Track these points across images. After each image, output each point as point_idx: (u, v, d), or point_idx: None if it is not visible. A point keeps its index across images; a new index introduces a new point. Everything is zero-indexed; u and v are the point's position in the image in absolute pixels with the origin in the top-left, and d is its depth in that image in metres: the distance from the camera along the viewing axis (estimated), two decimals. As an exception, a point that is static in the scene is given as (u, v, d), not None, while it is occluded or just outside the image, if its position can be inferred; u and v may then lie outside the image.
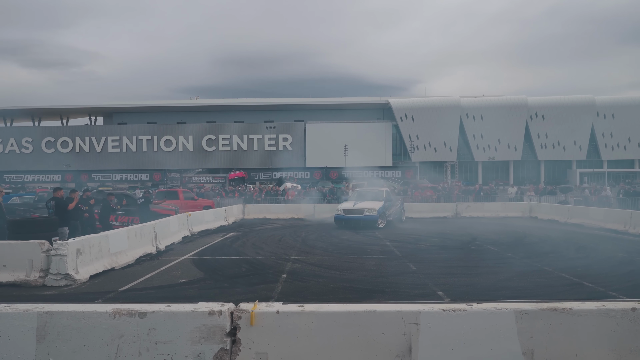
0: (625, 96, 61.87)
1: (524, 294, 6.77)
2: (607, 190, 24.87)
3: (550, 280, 7.90)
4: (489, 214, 21.85)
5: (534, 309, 3.43)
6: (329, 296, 6.84)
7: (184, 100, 70.86)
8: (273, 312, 3.46)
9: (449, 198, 26.88)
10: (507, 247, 11.80)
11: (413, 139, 59.06)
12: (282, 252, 11.21)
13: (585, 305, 3.47)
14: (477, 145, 60.53)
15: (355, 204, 17.19)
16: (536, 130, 60.14)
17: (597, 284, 7.51)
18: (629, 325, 3.38)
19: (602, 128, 59.73)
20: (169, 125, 59.63)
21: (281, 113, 62.51)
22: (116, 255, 9.17)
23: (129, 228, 10.25)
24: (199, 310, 3.38)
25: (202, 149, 57.77)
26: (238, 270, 8.98)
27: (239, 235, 14.86)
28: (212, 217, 17.44)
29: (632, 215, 15.08)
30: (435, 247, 12.08)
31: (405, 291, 7.19)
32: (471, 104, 60.19)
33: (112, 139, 58.54)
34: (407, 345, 3.42)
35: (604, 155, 60.27)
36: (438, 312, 3.46)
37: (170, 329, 3.34)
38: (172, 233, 12.77)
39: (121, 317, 3.35)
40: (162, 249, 11.32)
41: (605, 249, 11.46)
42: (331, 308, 3.56)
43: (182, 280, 8.09)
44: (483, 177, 59.16)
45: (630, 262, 9.59)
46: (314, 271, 8.84)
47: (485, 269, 9.01)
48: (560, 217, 18.98)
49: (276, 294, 7.00)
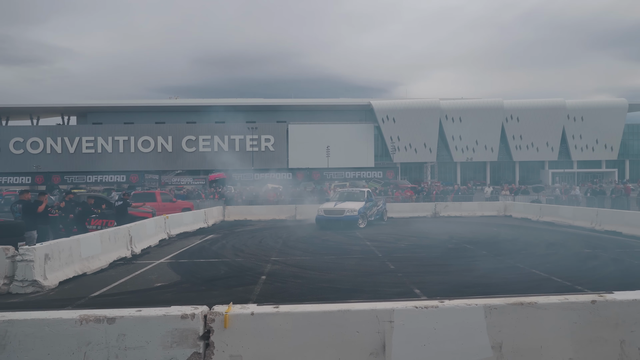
0: (594, 100, 64.17)
1: (496, 290, 6.93)
2: (576, 189, 25.65)
3: (522, 276, 8.13)
4: (466, 213, 22.24)
5: (502, 304, 3.51)
6: (307, 297, 6.86)
7: (162, 100, 69.76)
8: (247, 314, 3.45)
9: (428, 198, 27.22)
10: (482, 245, 12.04)
11: (394, 140, 59.63)
12: (262, 253, 11.18)
13: (550, 299, 3.58)
14: (455, 146, 61.51)
15: (336, 205, 17.26)
16: (511, 132, 61.51)
17: (565, 279, 7.79)
18: (589, 316, 3.51)
19: (572, 130, 61.57)
20: (147, 125, 58.67)
21: (263, 114, 62.27)
22: (88, 260, 8.95)
23: (102, 231, 10.04)
24: (171, 314, 3.33)
25: (182, 149, 57.06)
26: (216, 273, 8.92)
27: (218, 237, 14.74)
28: (191, 219, 17.24)
29: (598, 213, 15.64)
30: (413, 246, 12.24)
31: (384, 290, 7.27)
32: (450, 106, 61.13)
33: (86, 140, 57.22)
34: (381, 342, 3.46)
35: (574, 156, 62.11)
36: (411, 309, 3.51)
37: (140, 334, 3.27)
38: (149, 236, 12.57)
39: (88, 323, 3.26)
40: (137, 253, 11.14)
41: (573, 245, 11.87)
42: (306, 308, 3.57)
43: (158, 284, 7.98)
44: (461, 178, 60.11)
45: (595, 258, 9.99)
46: (293, 272, 8.84)
47: (461, 267, 9.18)
48: (532, 216, 19.48)
49: (255, 295, 6.98)
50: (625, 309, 3.55)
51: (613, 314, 3.53)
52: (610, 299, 3.58)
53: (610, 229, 14.40)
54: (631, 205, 21.03)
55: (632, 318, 3.54)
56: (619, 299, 3.60)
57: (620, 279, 7.91)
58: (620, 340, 3.50)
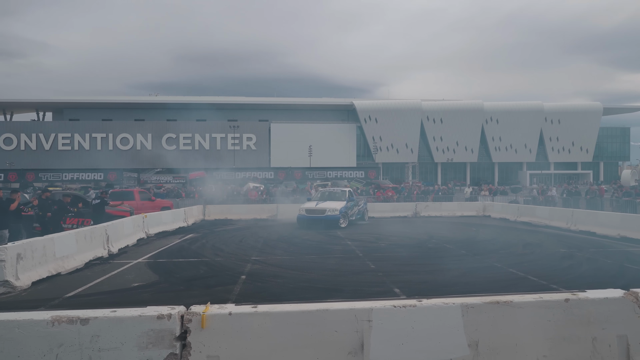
0: (570, 103, 65.82)
1: (474, 289, 7.02)
2: (552, 190, 26.24)
3: (499, 276, 8.27)
4: (446, 213, 22.51)
5: (479, 303, 3.56)
6: (287, 296, 6.83)
7: (142, 97, 68.56)
8: (225, 314, 3.42)
9: (409, 198, 27.44)
10: (461, 245, 12.20)
11: (376, 140, 60.02)
12: (243, 253, 11.10)
13: (525, 297, 3.65)
14: (436, 147, 62.26)
15: (318, 204, 17.26)
16: (491, 134, 62.58)
17: (541, 278, 7.95)
18: (563, 315, 3.59)
19: (549, 132, 63.03)
20: (126, 122, 57.65)
21: (245, 112, 61.86)
22: (63, 259, 8.75)
23: (77, 230, 9.82)
24: (147, 315, 3.28)
25: (162, 147, 56.14)
26: (196, 273, 8.81)
27: (198, 236, 14.58)
28: (171, 219, 17.01)
29: (573, 214, 16.03)
30: (394, 246, 12.32)
31: (364, 289, 7.30)
32: (431, 107, 61.83)
33: (62, 136, 55.94)
34: (359, 342, 3.47)
35: (551, 157, 63.59)
36: (389, 308, 3.53)
37: (115, 335, 3.22)
38: (126, 235, 12.35)
39: (61, 324, 3.19)
40: (114, 252, 10.94)
41: (550, 245, 12.13)
42: (285, 308, 3.56)
43: (135, 285, 7.85)
44: (442, 178, 60.88)
45: (571, 257, 10.22)
46: (274, 272, 8.80)
47: (440, 266, 9.28)
48: (510, 216, 19.85)
49: (234, 295, 6.92)
50: (597, 307, 3.64)
51: (586, 312, 3.61)
52: (583, 298, 3.67)
53: (584, 229, 14.75)
54: (605, 206, 21.59)
55: (604, 316, 3.63)
56: (591, 297, 3.69)
57: (594, 277, 8.13)
58: (592, 337, 3.59)
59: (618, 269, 8.92)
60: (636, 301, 3.68)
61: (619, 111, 68.50)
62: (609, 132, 65.93)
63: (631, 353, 3.60)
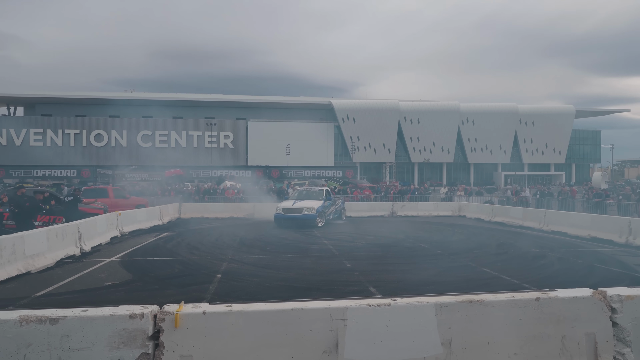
0: (544, 106, 67.54)
1: (449, 288, 7.13)
2: (526, 191, 26.87)
3: (473, 275, 8.42)
4: (422, 212, 22.80)
5: (452, 302, 3.62)
6: (263, 296, 6.79)
7: (117, 92, 67.16)
8: (199, 313, 3.38)
9: (386, 198, 27.70)
10: (436, 245, 12.37)
11: (354, 140, 60.25)
12: (219, 252, 11.00)
13: (497, 296, 3.73)
14: (413, 147, 62.90)
15: (295, 203, 17.24)
16: (467, 135, 63.61)
17: (513, 277, 8.13)
18: (534, 313, 3.68)
19: (523, 134, 64.46)
20: (101, 118, 56.32)
21: (222, 110, 61.21)
22: (33, 257, 8.51)
23: (49, 228, 9.57)
24: (119, 314, 3.22)
25: (137, 144, 55.10)
26: (170, 272, 8.69)
27: (173, 235, 14.38)
28: (145, 217, 16.73)
29: (545, 214, 16.44)
30: (370, 245, 12.41)
31: (340, 288, 7.32)
32: (409, 107, 62.43)
33: (34, 132, 54.26)
34: (334, 340, 3.48)
35: (525, 159, 65.06)
36: (364, 307, 3.55)
37: (86, 335, 3.15)
38: (100, 233, 12.10)
39: (29, 324, 3.11)
40: (87, 251, 10.70)
41: (523, 245, 12.41)
42: (260, 307, 3.55)
43: (108, 283, 7.69)
44: (419, 178, 61.58)
45: (543, 257, 10.46)
46: (250, 271, 8.76)
47: (416, 265, 9.39)
48: (485, 216, 20.22)
49: (209, 294, 6.85)
50: (566, 306, 3.74)
51: (555, 311, 3.71)
52: (553, 297, 3.77)
53: (556, 229, 15.14)
54: (576, 207, 22.20)
55: (573, 314, 3.73)
56: (561, 296, 3.79)
57: (565, 277, 8.35)
58: (561, 335, 3.69)
59: (588, 268, 9.17)
60: (604, 300, 3.79)
61: (590, 114, 70.60)
62: (581, 135, 67.82)
63: (599, 350, 3.71)
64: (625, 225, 12.65)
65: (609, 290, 3.87)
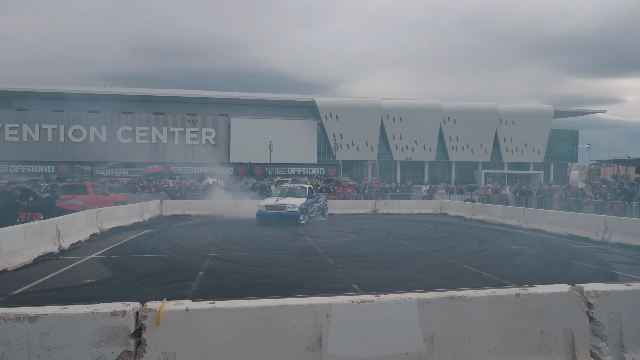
0: (523, 106, 68.80)
1: (430, 285, 7.23)
2: (506, 189, 27.34)
3: (455, 272, 8.53)
4: (404, 210, 23.01)
5: (435, 298, 3.67)
6: (246, 293, 6.77)
7: (96, 87, 65.73)
8: (182, 310, 3.36)
9: (369, 196, 27.83)
10: (418, 242, 12.51)
11: (337, 137, 60.36)
12: (201, 249, 10.91)
13: (478, 292, 3.79)
14: (396, 145, 63.38)
15: (278, 201, 17.21)
16: (449, 133, 64.38)
17: (494, 274, 8.27)
18: (513, 309, 3.76)
19: (504, 133, 65.57)
20: (79, 113, 55.10)
21: (205, 106, 60.63)
22: (9, 255, 8.31)
23: (25, 225, 9.34)
24: (100, 311, 3.18)
25: (117, 140, 54.15)
26: (152, 269, 8.58)
27: (154, 232, 14.20)
28: (126, 214, 16.48)
29: (525, 212, 16.75)
30: (353, 243, 12.47)
31: (323, 285, 7.35)
32: (391, 106, 62.83)
33: (9, 127, 52.90)
34: (317, 337, 3.50)
35: (505, 157, 66.20)
36: (347, 303, 3.58)
37: (66, 332, 3.10)
38: (79, 230, 11.88)
39: (7, 322, 3.04)
40: (66, 248, 10.49)
41: (503, 242, 12.63)
42: (243, 304, 3.54)
43: (88, 281, 7.55)
44: (401, 176, 62.10)
45: (522, 254, 10.66)
46: (232, 268, 8.71)
47: (398, 262, 9.48)
48: (466, 214, 20.51)
49: (191, 292, 6.79)
50: (545, 302, 3.82)
51: (534, 307, 3.79)
52: (532, 292, 3.85)
53: (535, 227, 15.45)
54: (554, 205, 22.68)
55: (551, 310, 3.82)
56: (539, 292, 3.87)
57: (543, 273, 8.51)
58: (540, 330, 3.78)
59: (566, 265, 9.38)
60: (581, 295, 3.89)
61: (568, 114, 72.19)
62: (559, 135, 69.28)
63: (576, 345, 3.81)
64: (601, 223, 12.96)
65: (586, 286, 3.97)
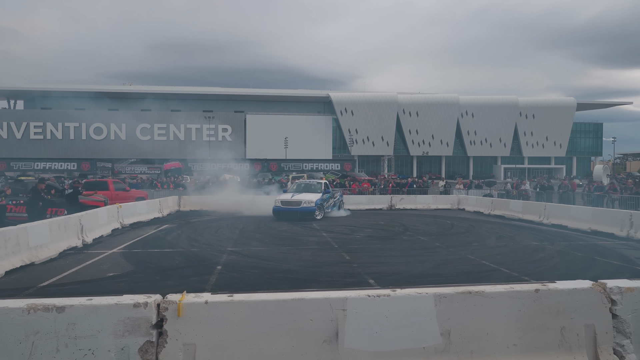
0: (544, 98, 67.29)
1: (448, 280, 7.18)
2: (526, 184, 26.82)
3: (472, 267, 8.46)
4: (421, 206, 22.84)
5: (452, 293, 3.66)
6: (263, 287, 6.85)
7: (116, 86, 66.95)
8: (201, 303, 3.43)
9: (384, 191, 27.71)
10: (435, 237, 12.43)
11: (352, 132, 60.19)
12: (218, 244, 11.05)
13: (496, 288, 3.76)
14: (412, 140, 62.89)
15: (293, 196, 17.28)
16: (466, 128, 63.53)
17: (513, 270, 8.17)
18: (533, 304, 3.71)
19: (524, 127, 64.37)
20: (100, 112, 56.18)
21: (220, 103, 61.16)
22: (36, 249, 8.57)
23: (51, 220, 9.61)
24: (123, 303, 3.28)
25: (136, 137, 55.07)
26: (171, 263, 8.74)
27: (173, 227, 14.43)
28: (146, 209, 16.77)
29: (545, 207, 16.44)
30: (369, 238, 12.46)
31: (339, 280, 7.38)
32: (407, 100, 62.31)
33: (34, 125, 54.31)
34: (334, 330, 3.53)
35: (525, 152, 65.02)
36: (364, 298, 3.60)
37: (91, 323, 3.21)
38: (101, 225, 12.15)
39: (36, 312, 3.16)
40: (89, 242, 10.75)
41: (522, 238, 12.43)
42: (260, 297, 3.59)
43: (110, 274, 7.74)
44: (417, 171, 61.65)
45: (543, 250, 10.47)
46: (249, 262, 8.81)
47: (414, 258, 9.45)
48: (484, 209, 20.25)
49: (210, 285, 6.90)
50: (566, 298, 3.76)
51: (555, 302, 3.74)
52: (552, 288, 3.79)
53: (556, 222, 15.14)
54: (576, 201, 22.21)
55: (572, 306, 3.76)
56: (560, 287, 3.81)
57: (565, 269, 8.36)
58: (560, 327, 3.72)
59: (588, 261, 9.18)
60: (604, 292, 3.81)
61: (592, 107, 70.50)
62: (583, 128, 67.78)
63: (598, 342, 3.74)
64: (626, 219, 12.60)
65: (609, 282, 3.89)
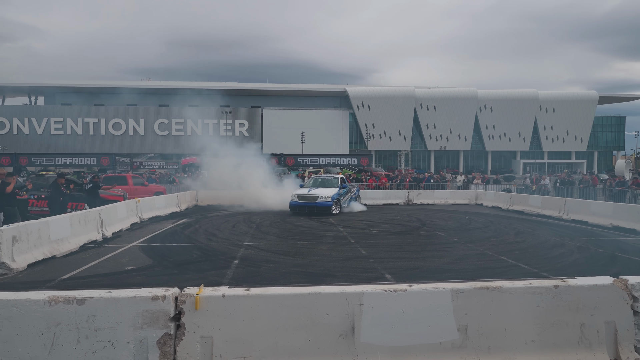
0: (565, 92, 65.72)
1: (465, 276, 7.12)
2: (545, 179, 26.34)
3: (490, 263, 8.36)
4: (438, 201, 22.65)
5: (469, 288, 3.62)
6: (280, 281, 6.89)
7: (134, 81, 67.77)
8: (219, 296, 3.47)
9: (401, 186, 27.57)
10: (453, 233, 12.31)
11: (369, 127, 59.94)
12: (235, 238, 11.14)
13: (515, 283, 3.71)
14: (430, 134, 62.31)
15: (310, 191, 17.31)
16: (485, 122, 62.64)
17: (532, 266, 8.04)
18: (552, 301, 3.66)
19: (544, 121, 63.11)
20: (118, 107, 57.09)
21: (237, 98, 61.46)
22: (58, 242, 8.77)
23: (72, 214, 9.81)
24: (142, 296, 3.33)
25: (154, 133, 55.87)
26: (189, 257, 8.85)
27: (191, 221, 14.59)
28: (164, 203, 16.99)
29: (565, 203, 16.11)
30: (385, 233, 12.40)
31: (355, 274, 7.36)
32: (425, 94, 61.68)
33: (54, 121, 55.44)
34: (350, 324, 3.53)
35: (545, 146, 63.79)
36: (380, 292, 3.59)
37: (111, 315, 3.28)
38: (120, 219, 12.35)
39: (58, 304, 3.24)
40: (108, 236, 10.95)
41: (542, 233, 12.22)
42: (277, 291, 3.61)
43: (129, 268, 7.88)
44: (435, 166, 61.08)
45: (562, 246, 10.29)
46: (266, 257, 8.85)
47: (431, 253, 9.38)
48: (503, 204, 19.96)
49: (227, 279, 6.97)
50: (585, 294, 3.70)
51: (574, 299, 3.68)
52: (572, 284, 3.73)
53: (576, 218, 14.87)
54: (597, 196, 21.75)
55: (592, 302, 3.69)
56: (580, 284, 3.75)
57: (585, 266, 8.20)
58: (580, 323, 3.66)
59: (609, 257, 8.99)
60: (625, 288, 3.74)
61: (614, 100, 68.67)
62: (604, 122, 66.18)
63: (619, 339, 3.67)
64: (649, 214, 12.33)
65: (631, 278, 3.81)
